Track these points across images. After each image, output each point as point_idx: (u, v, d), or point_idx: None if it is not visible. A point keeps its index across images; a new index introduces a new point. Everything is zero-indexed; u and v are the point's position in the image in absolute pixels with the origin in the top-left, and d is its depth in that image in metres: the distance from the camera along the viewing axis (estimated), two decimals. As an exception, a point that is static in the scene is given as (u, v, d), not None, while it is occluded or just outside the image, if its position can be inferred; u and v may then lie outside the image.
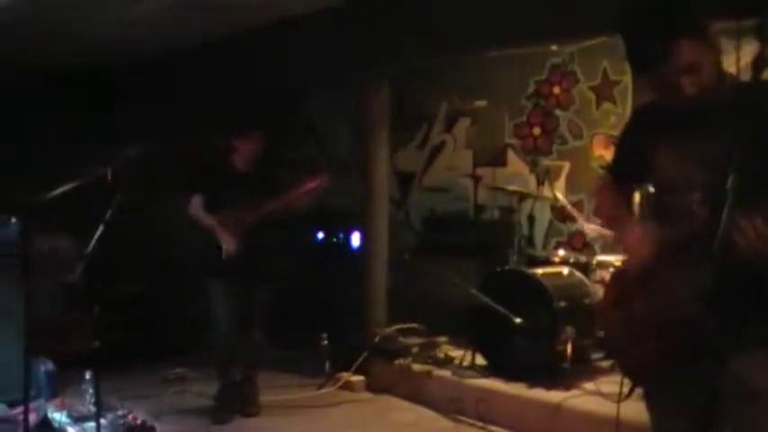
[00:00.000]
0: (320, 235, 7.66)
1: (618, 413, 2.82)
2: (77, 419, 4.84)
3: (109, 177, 4.25)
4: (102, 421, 4.35)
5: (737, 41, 2.10)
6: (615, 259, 5.31)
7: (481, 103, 7.42)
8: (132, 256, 6.88)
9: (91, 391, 4.77)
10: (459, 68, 7.28)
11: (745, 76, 2.06)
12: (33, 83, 7.91)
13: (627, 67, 6.24)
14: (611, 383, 4.62)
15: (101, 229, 4.03)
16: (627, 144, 2.66)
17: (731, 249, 1.97)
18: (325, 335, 6.41)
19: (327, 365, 6.34)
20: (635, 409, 2.75)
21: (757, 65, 1.99)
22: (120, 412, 4.74)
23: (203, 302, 5.38)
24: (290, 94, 8.47)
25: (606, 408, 4.46)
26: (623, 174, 2.68)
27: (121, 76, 8.34)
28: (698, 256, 2.09)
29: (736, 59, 2.10)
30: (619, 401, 2.55)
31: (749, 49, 2.04)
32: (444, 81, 7.70)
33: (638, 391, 2.52)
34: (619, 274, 2.60)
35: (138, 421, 4.71)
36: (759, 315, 2.17)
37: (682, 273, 2.22)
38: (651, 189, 2.53)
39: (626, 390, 2.54)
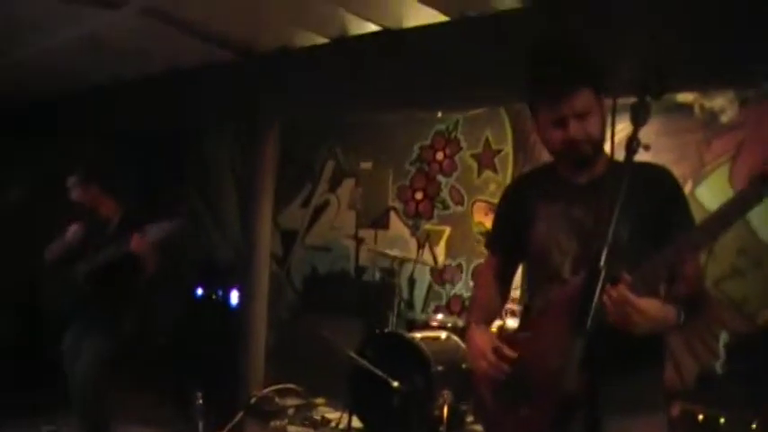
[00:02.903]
0: (199, 291, 7.52)
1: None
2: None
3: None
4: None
5: (612, 118, 2.22)
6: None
7: (366, 165, 7.50)
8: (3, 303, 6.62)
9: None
10: (347, 129, 7.37)
11: (619, 154, 2.17)
12: None
13: (509, 136, 6.54)
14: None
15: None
16: (503, 216, 2.76)
17: (602, 322, 2.04)
18: (200, 393, 6.24)
19: (201, 425, 6.17)
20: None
21: (630, 145, 2.09)
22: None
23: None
24: (178, 144, 8.39)
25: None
26: (502, 246, 2.76)
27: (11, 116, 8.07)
28: (570, 326, 2.16)
29: (612, 135, 2.21)
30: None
31: (624, 127, 2.14)
32: (331, 140, 7.78)
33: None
34: None
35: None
36: (622, 382, 2.25)
37: (554, 341, 2.28)
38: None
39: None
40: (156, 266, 4.77)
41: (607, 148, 2.38)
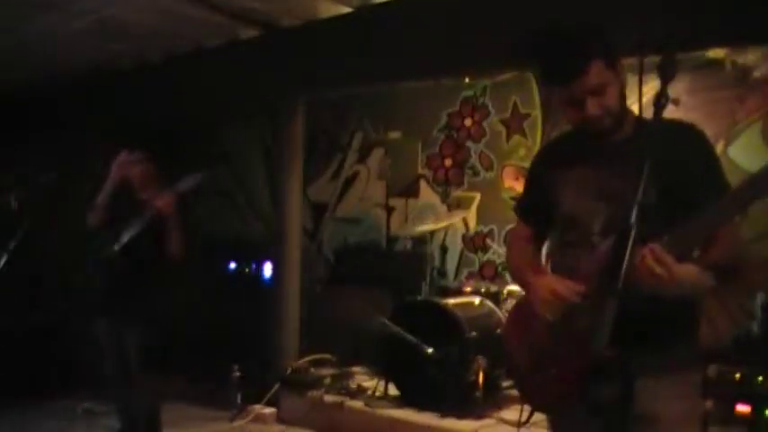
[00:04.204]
0: (232, 265, 7.57)
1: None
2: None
3: (13, 205, 4.09)
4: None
5: (640, 77, 2.18)
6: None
7: (395, 135, 7.48)
8: (39, 287, 6.70)
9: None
10: (374, 100, 7.35)
11: (647, 112, 2.14)
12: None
13: (536, 101, 6.49)
14: (525, 412, 4.66)
15: (4, 258, 3.89)
16: (532, 182, 2.75)
17: (633, 282, 2.02)
18: (236, 366, 6.31)
19: (239, 397, 6.24)
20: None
21: (658, 102, 2.05)
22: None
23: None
24: (205, 124, 8.41)
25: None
26: (531, 212, 2.74)
27: (29, 102, 8.12)
28: (601, 289, 2.14)
29: (639, 95, 2.17)
30: (519, 426, 2.61)
31: (652, 86, 2.10)
32: (359, 112, 7.77)
33: (541, 417, 2.57)
34: (522, 302, 2.64)
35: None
36: (654, 344, 2.24)
37: (584, 304, 2.27)
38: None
39: (525, 416, 2.60)
40: (177, 236, 4.70)
41: (636, 107, 2.35)
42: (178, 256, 4.71)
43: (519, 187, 6.38)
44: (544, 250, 2.81)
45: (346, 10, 5.83)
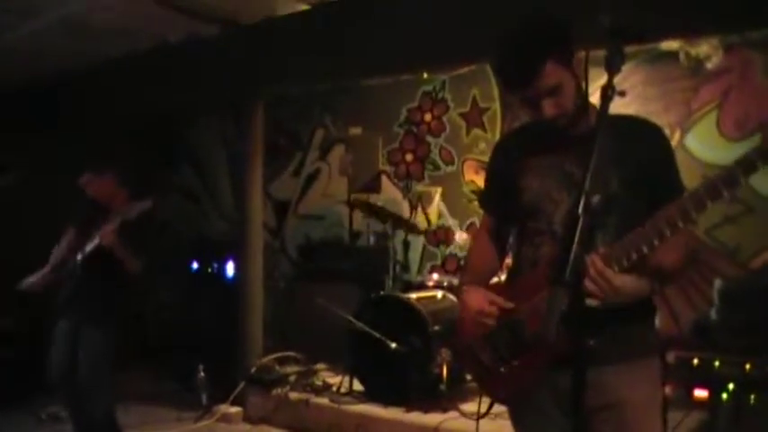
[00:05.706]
0: (195, 265, 7.54)
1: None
2: None
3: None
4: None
5: (585, 71, 2.20)
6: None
7: (356, 131, 7.49)
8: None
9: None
10: (334, 96, 7.36)
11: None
12: None
13: (495, 94, 6.53)
14: (485, 404, 4.68)
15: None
16: (494, 172, 2.73)
17: (582, 269, 2.04)
18: (201, 366, 6.29)
19: (204, 397, 6.22)
20: (504, 427, 2.80)
21: (605, 94, 2.07)
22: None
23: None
24: (169, 122, 8.36)
25: (481, 428, 4.52)
26: (495, 204, 2.72)
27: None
28: (555, 277, 2.16)
29: (585, 89, 2.20)
30: (477, 419, 2.63)
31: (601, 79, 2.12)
32: (319, 109, 7.76)
33: (503, 408, 2.59)
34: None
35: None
36: (615, 332, 2.26)
37: (541, 293, 2.29)
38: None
39: (485, 408, 2.62)
40: (127, 258, 4.66)
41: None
42: (133, 272, 4.69)
43: (480, 181, 6.42)
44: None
45: (304, 7, 5.83)
